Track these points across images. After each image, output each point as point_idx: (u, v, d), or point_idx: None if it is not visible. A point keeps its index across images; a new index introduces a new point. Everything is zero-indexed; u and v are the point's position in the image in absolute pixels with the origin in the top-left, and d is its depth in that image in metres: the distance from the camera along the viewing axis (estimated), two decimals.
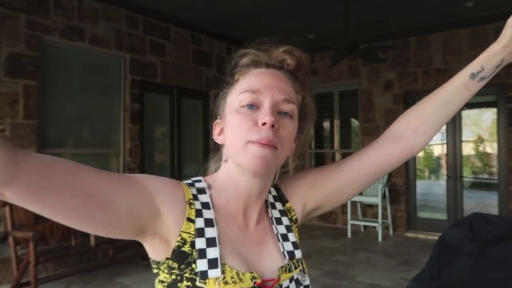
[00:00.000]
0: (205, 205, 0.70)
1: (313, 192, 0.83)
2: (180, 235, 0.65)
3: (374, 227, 5.92)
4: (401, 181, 6.04)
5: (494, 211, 5.48)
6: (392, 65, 6.02)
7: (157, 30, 5.24)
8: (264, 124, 0.66)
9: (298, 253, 0.77)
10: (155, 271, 0.68)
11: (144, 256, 4.48)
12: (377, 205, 5.82)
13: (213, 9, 4.99)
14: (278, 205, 0.81)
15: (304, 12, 5.03)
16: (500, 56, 0.83)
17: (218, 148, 0.79)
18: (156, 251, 0.66)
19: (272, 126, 0.66)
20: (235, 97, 0.71)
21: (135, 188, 0.62)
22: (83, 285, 3.79)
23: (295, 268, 0.74)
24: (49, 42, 4.16)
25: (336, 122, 6.90)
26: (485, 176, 6.37)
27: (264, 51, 0.76)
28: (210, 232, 0.67)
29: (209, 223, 0.68)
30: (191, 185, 0.72)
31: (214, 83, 5.99)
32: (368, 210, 6.31)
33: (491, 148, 5.91)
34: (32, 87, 3.96)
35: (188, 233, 0.65)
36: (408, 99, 6.02)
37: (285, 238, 0.77)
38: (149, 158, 5.25)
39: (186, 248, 0.64)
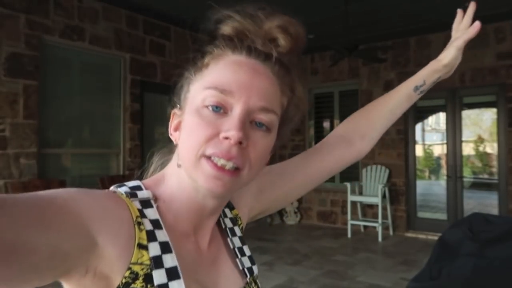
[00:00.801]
0: (156, 224, 0.53)
1: (260, 198, 0.75)
2: (130, 268, 0.48)
3: (374, 227, 5.92)
4: (401, 181, 6.04)
5: (494, 211, 5.48)
6: (392, 65, 6.02)
7: (157, 30, 5.24)
8: (226, 138, 0.51)
9: (255, 269, 0.67)
10: None
11: None
12: (377, 205, 5.82)
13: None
14: (228, 212, 0.70)
15: (304, 12, 5.03)
16: (438, 74, 0.90)
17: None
18: None
19: (240, 143, 0.51)
20: (199, 91, 0.56)
21: (56, 216, 0.42)
22: None
23: (254, 286, 0.65)
24: (49, 42, 4.16)
25: (336, 122, 6.89)
26: (485, 176, 6.36)
27: (253, 20, 0.58)
28: (169, 261, 0.51)
29: (165, 248, 0.52)
30: (132, 195, 0.54)
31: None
32: (368, 210, 6.31)
33: (491, 148, 5.90)
34: (32, 87, 3.96)
35: (141, 263, 0.49)
36: None
37: (241, 252, 0.66)
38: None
39: (138, 285, 0.48)
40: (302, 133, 7.01)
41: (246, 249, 0.68)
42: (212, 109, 0.53)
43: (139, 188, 0.57)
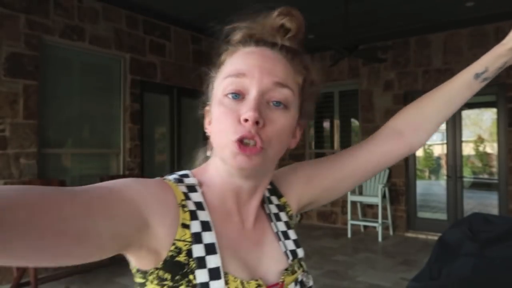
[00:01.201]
0: (199, 206, 0.61)
1: (309, 187, 0.78)
2: (174, 244, 0.56)
3: (374, 227, 5.92)
4: (401, 181, 6.04)
5: (494, 211, 5.48)
6: (392, 65, 6.01)
7: (157, 30, 5.24)
8: (246, 120, 0.56)
9: (300, 252, 0.70)
10: (139, 280, 0.58)
11: None
12: (377, 205, 5.82)
13: (213, 9, 4.99)
14: (274, 199, 0.74)
15: (304, 12, 5.02)
16: (504, 59, 0.80)
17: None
18: (142, 260, 0.57)
19: (257, 123, 0.56)
20: (220, 83, 0.62)
21: (117, 204, 0.51)
22: (83, 285, 3.79)
23: (298, 268, 0.68)
24: (49, 42, 4.16)
25: (336, 122, 6.90)
26: (485, 176, 6.37)
27: (257, 21, 0.65)
28: (207, 237, 0.59)
29: (205, 226, 0.60)
30: (179, 181, 0.63)
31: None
32: (368, 210, 6.31)
33: (491, 148, 5.91)
34: (32, 87, 3.96)
35: (184, 240, 0.57)
36: (408, 99, 6.01)
37: (285, 236, 0.71)
38: (149, 158, 5.25)
39: (181, 258, 0.56)
40: (302, 133, 7.00)
41: (291, 233, 0.71)
42: (232, 97, 0.59)
43: (187, 176, 0.66)
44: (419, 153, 6.35)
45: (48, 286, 3.59)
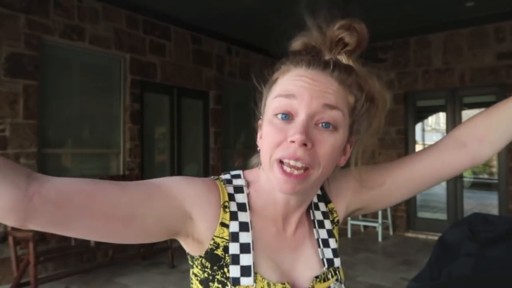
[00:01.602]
0: (241, 207, 0.66)
1: (360, 193, 0.76)
2: (213, 239, 0.63)
3: (374, 227, 5.92)
4: None
5: (494, 211, 5.48)
6: (392, 65, 6.01)
7: (157, 30, 5.24)
8: (292, 142, 0.58)
9: (337, 262, 0.72)
10: (189, 263, 0.68)
11: (144, 256, 4.49)
12: None
13: (213, 9, 4.99)
14: (322, 206, 0.75)
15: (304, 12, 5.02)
16: None
17: (217, 147, 0.73)
18: (190, 247, 0.66)
19: (305, 145, 0.58)
20: (271, 101, 0.64)
21: (161, 198, 0.59)
22: (83, 285, 3.79)
23: (332, 276, 0.70)
24: (49, 42, 4.16)
25: None
26: (485, 176, 6.36)
27: (318, 30, 0.67)
28: (244, 237, 0.64)
29: (244, 227, 0.65)
30: (229, 181, 0.69)
31: (214, 83, 5.99)
32: None
33: None
34: (32, 87, 3.96)
35: (222, 237, 0.63)
36: (408, 99, 6.02)
37: (325, 243, 0.72)
38: (149, 158, 5.25)
39: (219, 252, 0.63)
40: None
41: (332, 242, 0.73)
42: (281, 117, 0.61)
43: (238, 176, 0.71)
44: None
45: (48, 286, 3.58)
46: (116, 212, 0.55)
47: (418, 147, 6.24)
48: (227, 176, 0.70)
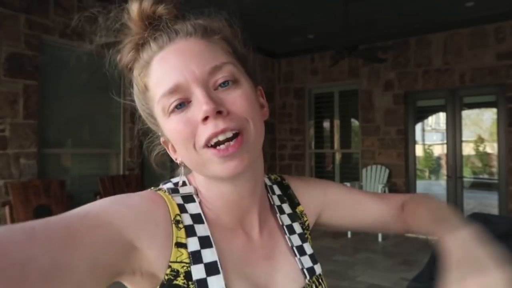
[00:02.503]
0: (197, 218, 0.54)
1: (330, 210, 0.73)
2: (170, 266, 0.50)
3: None
4: (401, 181, 6.04)
5: (494, 211, 5.48)
6: (392, 65, 6.01)
7: None
8: (206, 119, 0.49)
9: (318, 268, 0.63)
10: None
11: None
12: None
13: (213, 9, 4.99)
14: (286, 208, 0.67)
15: (304, 12, 5.02)
16: None
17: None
18: (139, 286, 0.51)
19: (219, 112, 0.49)
20: (158, 109, 0.54)
21: (91, 231, 0.43)
22: None
23: (316, 287, 0.62)
24: (49, 42, 4.16)
25: (336, 122, 6.90)
26: (485, 176, 6.36)
27: (121, 18, 0.57)
28: (208, 255, 0.52)
29: (205, 242, 0.53)
30: (174, 191, 0.57)
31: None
32: None
33: (491, 148, 5.90)
34: (32, 87, 3.96)
35: (181, 262, 0.50)
36: (408, 99, 6.02)
37: (301, 251, 0.63)
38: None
39: (180, 281, 0.50)
40: (302, 133, 7.01)
41: (307, 247, 0.65)
42: (176, 108, 0.51)
43: (183, 183, 0.59)
44: (419, 153, 6.34)
45: None
46: (29, 270, 0.35)
47: (418, 147, 6.25)
48: (169, 185, 0.59)
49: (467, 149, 6.04)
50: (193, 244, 0.52)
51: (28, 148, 3.91)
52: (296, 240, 0.64)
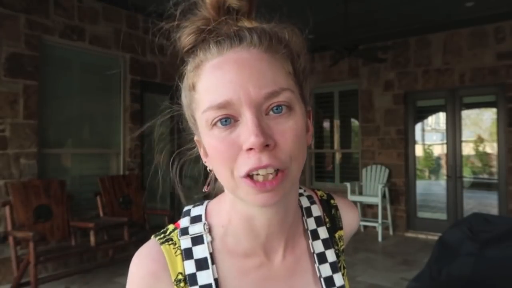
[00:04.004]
0: (201, 264, 0.53)
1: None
2: None
3: (374, 227, 5.91)
4: (401, 181, 6.04)
5: (494, 211, 5.48)
6: (392, 65, 6.01)
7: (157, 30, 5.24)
8: (250, 149, 0.46)
9: (338, 279, 0.60)
10: None
11: None
12: (377, 205, 5.82)
13: None
14: (322, 232, 0.62)
15: (304, 12, 5.02)
16: None
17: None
18: None
19: (266, 146, 0.45)
20: (200, 115, 0.50)
21: None
22: (83, 285, 3.79)
23: None
24: (49, 42, 4.16)
25: (336, 122, 6.90)
26: (485, 176, 6.36)
27: (192, 15, 0.53)
28: None
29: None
30: (184, 233, 0.56)
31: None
32: (368, 210, 6.31)
33: (491, 148, 5.90)
34: (32, 87, 3.96)
35: None
36: (408, 99, 6.02)
37: (329, 282, 0.59)
38: (149, 158, 5.24)
39: None
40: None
41: (337, 277, 0.60)
42: (221, 123, 0.47)
43: (199, 218, 0.57)
44: (419, 153, 6.34)
45: (48, 286, 3.58)
46: None
47: (418, 147, 6.25)
48: (185, 222, 0.57)
49: (467, 149, 6.04)
50: None
51: (28, 148, 3.91)
52: (325, 271, 0.59)
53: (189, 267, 0.53)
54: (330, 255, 0.61)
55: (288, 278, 0.57)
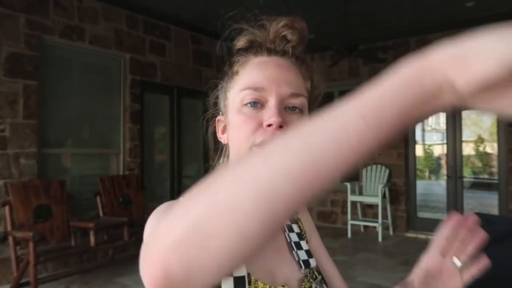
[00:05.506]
0: None
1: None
2: None
3: (374, 227, 5.91)
4: (401, 181, 6.04)
5: (494, 211, 5.48)
6: (392, 65, 6.00)
7: (157, 30, 5.24)
8: (270, 125, 0.59)
9: (312, 262, 0.71)
10: None
11: None
12: (377, 205, 5.82)
13: (213, 9, 4.99)
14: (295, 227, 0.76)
15: (304, 12, 5.02)
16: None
17: (218, 147, 0.72)
18: None
19: (280, 126, 0.59)
20: (236, 94, 0.64)
21: None
22: (83, 285, 3.78)
23: (313, 278, 0.69)
24: (49, 42, 4.16)
25: None
26: (485, 176, 6.36)
27: (259, 27, 0.68)
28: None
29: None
30: None
31: (214, 83, 5.99)
32: (368, 210, 6.31)
33: (491, 148, 5.90)
34: (32, 87, 3.96)
35: None
36: None
37: (298, 246, 0.71)
38: (149, 158, 5.25)
39: None
40: None
41: (303, 244, 0.73)
42: (250, 105, 0.62)
43: None
44: (419, 153, 6.34)
45: (48, 286, 3.58)
46: None
47: (418, 147, 6.25)
48: None
49: (467, 149, 6.04)
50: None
51: (28, 148, 3.91)
52: (294, 237, 0.72)
53: None
54: (295, 228, 0.74)
55: (277, 250, 0.68)
